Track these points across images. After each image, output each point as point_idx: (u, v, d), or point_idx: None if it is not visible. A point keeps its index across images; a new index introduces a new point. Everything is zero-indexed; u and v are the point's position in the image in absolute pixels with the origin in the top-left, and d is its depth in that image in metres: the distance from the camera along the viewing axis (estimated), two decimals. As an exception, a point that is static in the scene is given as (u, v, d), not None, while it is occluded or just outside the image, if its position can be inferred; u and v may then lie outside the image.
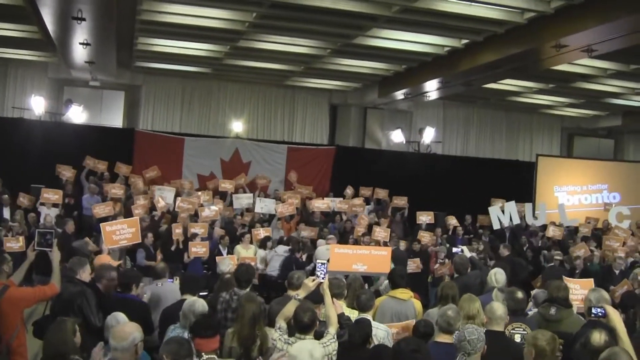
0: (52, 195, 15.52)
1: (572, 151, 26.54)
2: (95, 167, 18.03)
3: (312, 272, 8.34)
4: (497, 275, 8.37)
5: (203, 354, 5.00)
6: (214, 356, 5.25)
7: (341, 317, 6.27)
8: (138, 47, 17.42)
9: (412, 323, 6.94)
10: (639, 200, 22.25)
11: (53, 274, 6.81)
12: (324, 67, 18.82)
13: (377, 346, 5.70)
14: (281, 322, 5.90)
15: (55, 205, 15.69)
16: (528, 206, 18.78)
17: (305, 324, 5.59)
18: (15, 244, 12.64)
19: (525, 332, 6.23)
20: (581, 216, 20.54)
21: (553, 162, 23.70)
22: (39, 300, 6.86)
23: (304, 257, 14.15)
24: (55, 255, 6.88)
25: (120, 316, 5.98)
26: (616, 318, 5.30)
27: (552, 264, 14.18)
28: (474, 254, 11.12)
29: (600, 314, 5.44)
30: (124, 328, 4.97)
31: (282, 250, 14.23)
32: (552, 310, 6.84)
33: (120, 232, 10.43)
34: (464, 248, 10.77)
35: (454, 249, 12.50)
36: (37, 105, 19.79)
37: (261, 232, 15.05)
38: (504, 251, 14.17)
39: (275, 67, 19.29)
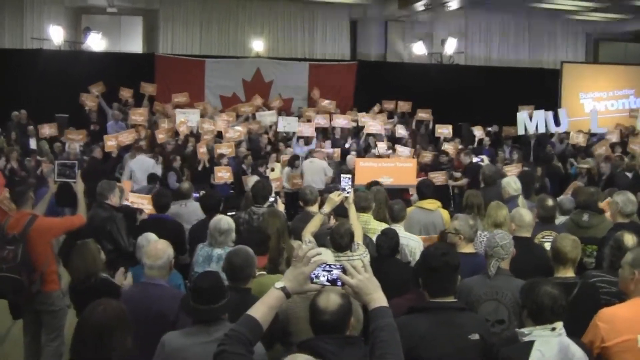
0: (76, 135, 15.52)
1: (598, 57, 26.02)
2: (120, 95, 18.05)
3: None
4: (515, 183, 8.32)
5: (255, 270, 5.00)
6: (264, 272, 5.33)
7: None
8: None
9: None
10: (666, 104, 21.91)
11: (78, 204, 6.83)
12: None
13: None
14: (309, 236, 5.92)
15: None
16: (549, 114, 18.43)
17: (342, 247, 5.57)
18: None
19: (555, 241, 6.23)
20: (609, 123, 20.17)
21: (578, 69, 23.31)
22: (67, 230, 6.85)
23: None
24: (80, 186, 6.86)
25: (151, 236, 6.05)
26: None
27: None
28: (498, 164, 11.00)
29: None
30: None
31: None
32: (585, 217, 6.80)
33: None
34: (484, 158, 10.64)
35: (474, 159, 12.47)
36: (56, 35, 19.71)
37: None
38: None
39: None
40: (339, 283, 3.04)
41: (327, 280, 3.03)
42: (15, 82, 18.26)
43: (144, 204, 8.69)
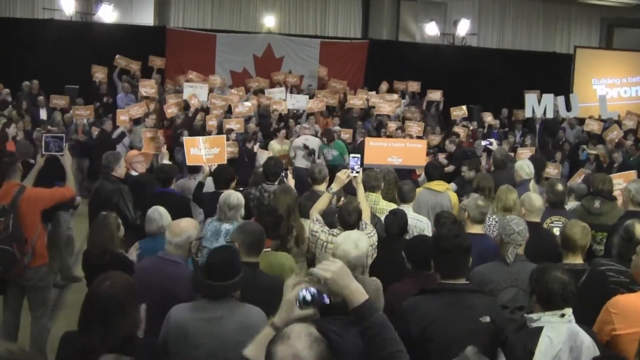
0: (83, 111, 15.47)
1: (612, 42, 25.78)
2: (127, 67, 18.01)
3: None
4: (529, 167, 8.27)
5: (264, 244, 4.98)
6: (269, 249, 5.32)
7: None
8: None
9: None
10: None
11: (67, 178, 6.69)
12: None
13: (417, 235, 5.67)
14: (317, 215, 5.88)
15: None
16: (560, 99, 18.29)
17: (350, 225, 5.51)
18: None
19: (564, 226, 6.19)
20: (621, 109, 19.94)
21: (591, 54, 23.14)
22: (57, 201, 6.67)
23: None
24: (67, 159, 6.67)
25: (161, 209, 6.01)
26: None
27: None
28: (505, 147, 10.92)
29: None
30: (180, 224, 4.92)
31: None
32: (596, 203, 6.75)
33: (203, 150, 9.59)
34: (493, 141, 10.55)
35: (483, 142, 12.39)
36: (67, 5, 19.63)
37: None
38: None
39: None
40: (325, 297, 2.87)
41: (311, 295, 2.90)
42: (26, 52, 18.18)
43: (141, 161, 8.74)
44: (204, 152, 9.41)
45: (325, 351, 2.42)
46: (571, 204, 7.40)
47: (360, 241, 4.46)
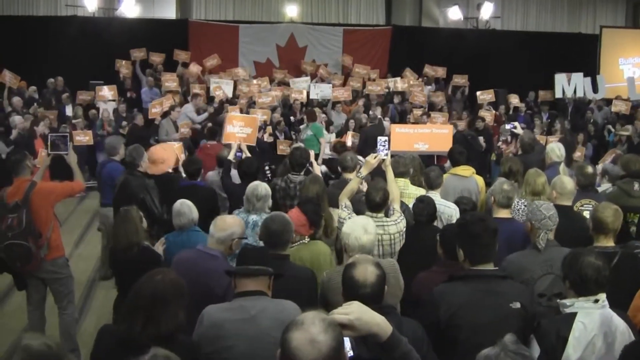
0: (107, 92, 15.63)
1: (638, 21, 25.36)
2: (151, 60, 18.09)
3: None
4: (560, 150, 8.16)
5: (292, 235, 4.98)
6: (307, 239, 5.38)
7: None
8: None
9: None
10: None
11: (75, 174, 6.81)
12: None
13: (452, 224, 5.61)
14: (345, 201, 5.84)
15: (114, 100, 15.92)
16: (587, 80, 18.04)
17: (377, 203, 5.49)
18: (83, 137, 13.21)
19: (594, 209, 6.08)
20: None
21: (618, 34, 22.80)
22: (67, 195, 6.73)
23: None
24: (72, 157, 6.74)
25: (189, 202, 6.03)
26: None
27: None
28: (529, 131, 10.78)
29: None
30: (226, 219, 4.90)
31: None
32: (636, 186, 6.54)
33: (239, 129, 9.77)
34: (517, 125, 10.40)
35: (507, 126, 12.27)
36: (90, 1, 19.72)
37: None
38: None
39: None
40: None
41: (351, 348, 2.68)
42: (51, 50, 18.34)
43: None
44: (237, 129, 9.46)
45: (341, 335, 2.38)
46: (604, 186, 7.29)
47: (368, 225, 4.48)
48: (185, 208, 5.97)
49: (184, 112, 14.74)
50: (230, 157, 8.30)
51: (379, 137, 6.66)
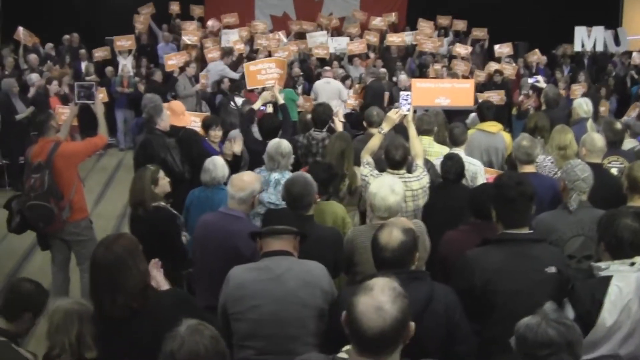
0: (125, 41, 15.51)
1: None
2: (171, 10, 17.93)
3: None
4: (587, 105, 8.01)
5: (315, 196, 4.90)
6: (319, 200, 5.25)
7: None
8: None
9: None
10: None
11: (99, 126, 6.79)
12: None
13: (483, 184, 5.51)
14: (367, 157, 5.74)
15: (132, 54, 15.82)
16: (608, 33, 17.67)
17: (396, 161, 5.40)
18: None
19: (622, 166, 5.94)
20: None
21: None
22: (91, 153, 6.85)
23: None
24: (99, 107, 6.75)
25: (217, 160, 5.98)
26: None
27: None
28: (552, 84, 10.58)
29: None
30: (243, 177, 4.79)
31: None
32: (668, 142, 6.45)
33: (267, 72, 9.48)
34: (540, 78, 10.18)
35: (529, 80, 12.07)
36: (105, -46, 19.41)
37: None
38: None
39: None
40: None
41: None
42: (65, 6, 18.14)
43: (197, 122, 8.63)
44: (267, 71, 9.35)
45: (407, 308, 2.34)
46: (628, 142, 7.15)
47: (395, 185, 4.43)
48: (211, 165, 5.90)
49: (215, 69, 14.59)
50: (257, 106, 8.01)
51: (401, 92, 6.53)
